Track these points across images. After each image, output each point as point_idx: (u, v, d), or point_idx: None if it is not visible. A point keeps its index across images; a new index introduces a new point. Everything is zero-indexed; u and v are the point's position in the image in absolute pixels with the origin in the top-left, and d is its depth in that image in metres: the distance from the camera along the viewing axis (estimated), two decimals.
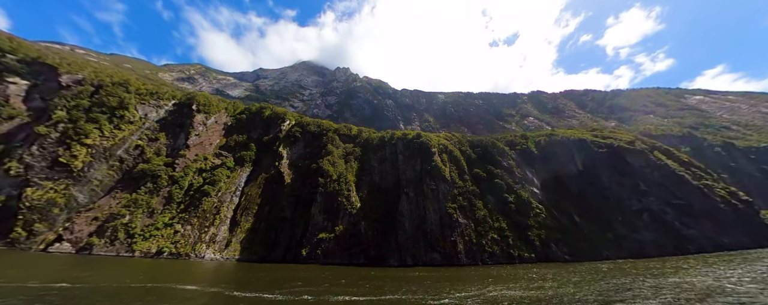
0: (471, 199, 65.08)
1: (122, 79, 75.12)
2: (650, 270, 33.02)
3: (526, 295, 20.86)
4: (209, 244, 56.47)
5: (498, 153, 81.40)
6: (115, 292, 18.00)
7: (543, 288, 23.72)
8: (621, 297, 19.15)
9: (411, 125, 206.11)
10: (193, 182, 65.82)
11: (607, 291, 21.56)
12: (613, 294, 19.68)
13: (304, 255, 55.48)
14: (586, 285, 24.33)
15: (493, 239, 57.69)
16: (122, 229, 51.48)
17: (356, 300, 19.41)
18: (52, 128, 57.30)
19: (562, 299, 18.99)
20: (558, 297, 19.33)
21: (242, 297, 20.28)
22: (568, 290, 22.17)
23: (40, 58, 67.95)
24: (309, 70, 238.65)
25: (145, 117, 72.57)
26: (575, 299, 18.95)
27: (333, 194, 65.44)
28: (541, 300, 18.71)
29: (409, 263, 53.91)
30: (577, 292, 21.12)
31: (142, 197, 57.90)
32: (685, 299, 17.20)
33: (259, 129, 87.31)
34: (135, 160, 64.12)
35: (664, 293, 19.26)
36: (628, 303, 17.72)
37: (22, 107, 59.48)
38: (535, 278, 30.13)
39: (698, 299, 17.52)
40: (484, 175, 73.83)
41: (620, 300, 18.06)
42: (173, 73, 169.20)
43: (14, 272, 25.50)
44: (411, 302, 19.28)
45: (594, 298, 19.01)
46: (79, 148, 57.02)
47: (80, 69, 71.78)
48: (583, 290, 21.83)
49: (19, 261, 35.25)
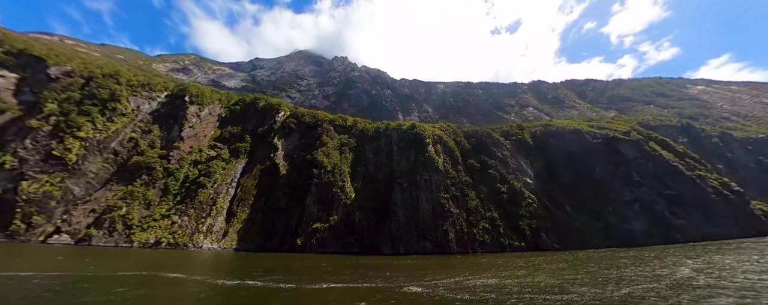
0: (464, 189, 65.80)
1: (112, 70, 74.01)
2: (629, 259, 33.93)
3: (497, 283, 21.52)
4: (206, 234, 57.76)
5: (493, 144, 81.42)
6: (96, 280, 18.70)
7: (517, 276, 24.48)
8: (579, 284, 19.85)
9: (409, 115, 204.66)
10: (188, 174, 66.37)
11: (572, 279, 22.25)
12: (573, 284, 20.31)
13: (299, 245, 56.91)
14: (561, 273, 25.09)
15: (485, 228, 58.73)
16: (120, 220, 52.54)
17: (332, 287, 20.14)
18: (44, 122, 57.20)
19: (526, 287, 19.69)
20: (524, 286, 20.00)
21: (221, 284, 21.04)
22: (540, 278, 22.86)
23: (26, 49, 66.67)
24: (306, 60, 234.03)
25: (138, 109, 72.13)
26: (539, 287, 19.66)
27: (327, 185, 66.12)
28: (503, 288, 19.38)
29: (402, 251, 55.42)
30: (544, 280, 21.85)
31: (138, 190, 58.64)
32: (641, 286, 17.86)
33: (253, 120, 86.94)
34: (129, 152, 64.37)
35: (625, 281, 19.95)
36: (582, 288, 18.40)
37: (12, 101, 59.05)
38: (515, 266, 31.05)
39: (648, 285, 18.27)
40: (478, 165, 74.27)
41: (579, 285, 18.73)
42: (167, 63, 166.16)
43: (4, 261, 26.39)
44: (381, 289, 19.98)
45: (556, 284, 19.74)
46: (72, 141, 57.14)
47: (69, 60, 70.60)
48: (554, 278, 22.56)
49: (18, 251, 36.27)
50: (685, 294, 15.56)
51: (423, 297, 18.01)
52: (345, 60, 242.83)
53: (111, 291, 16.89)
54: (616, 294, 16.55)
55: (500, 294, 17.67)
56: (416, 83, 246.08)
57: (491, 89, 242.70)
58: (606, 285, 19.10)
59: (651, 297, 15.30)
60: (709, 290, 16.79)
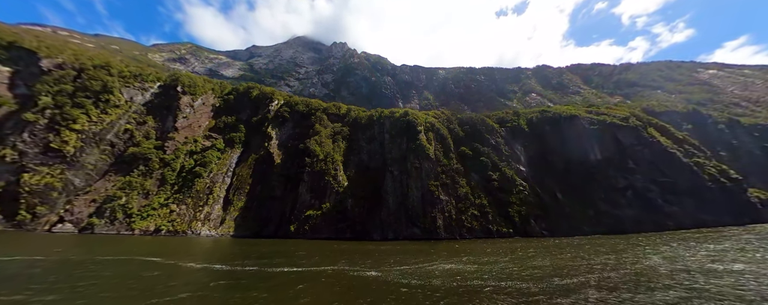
0: (454, 177, 66.28)
1: (103, 61, 73.76)
2: (608, 246, 34.32)
3: (456, 268, 22.16)
4: (204, 222, 59.99)
5: (487, 131, 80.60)
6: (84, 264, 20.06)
7: (482, 261, 25.09)
8: (536, 271, 20.41)
9: (410, 102, 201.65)
10: (184, 164, 67.85)
11: (533, 266, 22.79)
12: (531, 270, 20.79)
13: (292, 231, 58.92)
14: (528, 260, 25.68)
15: (473, 215, 59.79)
16: (120, 210, 54.76)
17: (293, 271, 21.15)
18: (40, 115, 58.23)
19: (483, 272, 20.29)
20: (481, 272, 20.58)
21: (200, 267, 22.28)
22: (503, 264, 23.45)
23: (16, 41, 66.51)
24: (304, 47, 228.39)
25: (131, 100, 72.58)
26: (493, 273, 20.25)
27: (320, 173, 67.08)
28: (458, 273, 20.02)
29: (391, 237, 57.31)
30: (506, 267, 22.42)
31: (135, 180, 60.46)
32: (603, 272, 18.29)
33: (248, 110, 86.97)
34: (125, 144, 65.68)
35: (596, 267, 20.37)
36: (537, 275, 18.93)
37: (8, 95, 59.88)
38: (489, 252, 31.76)
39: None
40: (470, 153, 74.20)
41: (535, 273, 19.25)
42: (163, 53, 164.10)
43: (6, 248, 28.26)
44: (337, 272, 20.89)
45: (514, 271, 20.32)
46: (69, 133, 58.38)
47: (60, 52, 70.40)
48: (517, 264, 23.18)
49: (22, 240, 38.45)
50: (626, 286, 15.80)
51: (372, 280, 18.78)
52: (344, 46, 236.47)
53: (109, 274, 18.16)
54: (562, 283, 16.92)
55: (448, 279, 18.25)
56: (417, 70, 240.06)
57: (494, 74, 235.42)
58: (562, 273, 19.54)
59: (590, 288, 15.61)
60: (655, 281, 17.05)
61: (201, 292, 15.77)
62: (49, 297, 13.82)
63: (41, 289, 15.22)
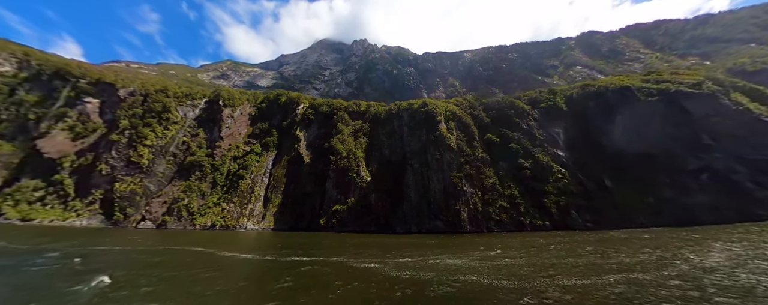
0: (479, 167, 63.26)
1: (162, 86, 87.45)
2: (665, 240, 29.40)
3: (457, 264, 21.34)
4: (249, 217, 68.03)
5: (516, 114, 74.34)
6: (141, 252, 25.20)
7: (489, 257, 23.64)
8: (545, 269, 18.53)
9: (434, 92, 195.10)
10: (230, 168, 77.32)
11: (547, 264, 20.64)
12: (539, 269, 18.84)
13: (322, 224, 63.22)
14: (548, 256, 23.51)
15: (502, 207, 56.48)
16: (184, 209, 65.35)
17: (303, 260, 23.04)
18: (122, 135, 72.17)
19: (483, 269, 19.13)
20: (482, 268, 19.45)
21: (229, 255, 25.85)
22: (513, 260, 21.82)
23: (101, 78, 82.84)
24: (327, 49, 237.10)
25: (185, 117, 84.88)
26: (494, 270, 18.76)
27: (344, 170, 70.18)
28: (457, 269, 19.22)
29: (414, 230, 57.40)
30: (516, 263, 20.76)
31: (194, 184, 71.19)
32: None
33: (278, 115, 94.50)
34: (184, 154, 77.44)
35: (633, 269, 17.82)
36: (541, 275, 17.21)
37: (99, 121, 75.42)
38: (509, 246, 29.89)
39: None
40: (498, 140, 69.66)
41: (543, 271, 17.60)
42: (209, 72, 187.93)
43: (102, 239, 36.72)
44: (339, 263, 22.01)
45: (519, 266, 18.86)
46: (142, 148, 71.27)
47: (131, 82, 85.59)
48: (531, 259, 21.45)
49: (117, 234, 48.83)
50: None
51: (365, 271, 19.53)
52: (364, 43, 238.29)
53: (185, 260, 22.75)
54: (569, 283, 15.21)
55: (442, 274, 17.91)
56: (440, 56, 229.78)
57: (528, 50, 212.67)
58: (574, 274, 17.59)
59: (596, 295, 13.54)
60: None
61: (213, 273, 18.68)
62: (118, 273, 17.94)
63: (107, 267, 19.70)
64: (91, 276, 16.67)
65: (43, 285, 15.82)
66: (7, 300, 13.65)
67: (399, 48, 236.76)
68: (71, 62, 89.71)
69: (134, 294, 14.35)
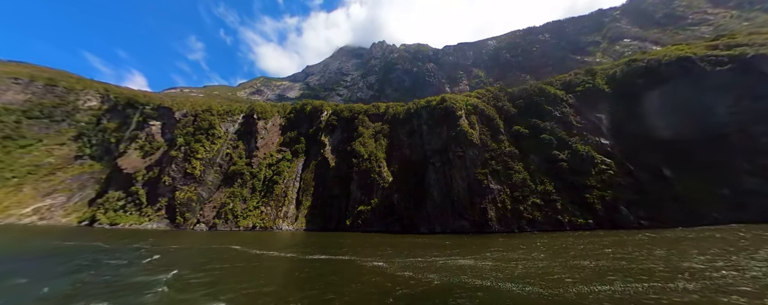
0: (507, 162, 60.16)
1: (207, 106, 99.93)
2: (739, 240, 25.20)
3: (469, 264, 20.94)
4: (284, 219, 74.13)
5: (547, 102, 69.19)
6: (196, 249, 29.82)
7: (515, 259, 22.63)
8: (563, 276, 17.33)
9: (457, 86, 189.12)
10: (266, 175, 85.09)
11: (573, 267, 19.17)
12: (560, 275, 17.17)
13: (348, 225, 66.01)
14: (578, 260, 21.78)
15: (535, 204, 52.95)
16: (229, 213, 73.84)
17: (316, 258, 24.95)
18: (179, 151, 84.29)
19: (494, 271, 18.52)
20: (495, 270, 18.77)
21: (259, 253, 29.11)
22: (534, 263, 20.53)
23: (161, 104, 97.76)
24: (348, 55, 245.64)
25: (227, 131, 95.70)
26: (504, 272, 17.70)
27: (366, 171, 72.47)
28: (465, 270, 18.80)
29: (438, 230, 56.58)
30: (534, 265, 19.32)
31: (237, 190, 79.96)
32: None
33: (305, 124, 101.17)
34: (227, 164, 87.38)
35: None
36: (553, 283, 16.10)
37: (161, 140, 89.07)
38: (541, 246, 28.24)
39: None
40: (527, 131, 65.50)
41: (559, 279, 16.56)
42: (246, 89, 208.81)
43: (168, 239, 43.85)
44: (348, 261, 23.28)
45: (539, 272, 17.90)
46: (195, 161, 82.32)
47: (183, 105, 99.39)
48: (552, 261, 20.19)
49: (178, 235, 57.39)
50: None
51: (368, 269, 20.40)
52: (383, 44, 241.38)
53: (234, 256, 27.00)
54: (582, 290, 14.14)
55: (444, 274, 17.86)
56: (462, 47, 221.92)
57: (563, 28, 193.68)
58: (590, 277, 16.33)
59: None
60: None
61: (242, 266, 21.58)
62: (184, 267, 21.92)
63: (176, 262, 23.95)
64: (166, 268, 20.82)
65: (132, 274, 20.21)
66: (109, 284, 17.81)
67: (418, 45, 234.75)
68: (138, 93, 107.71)
69: (197, 283, 17.76)
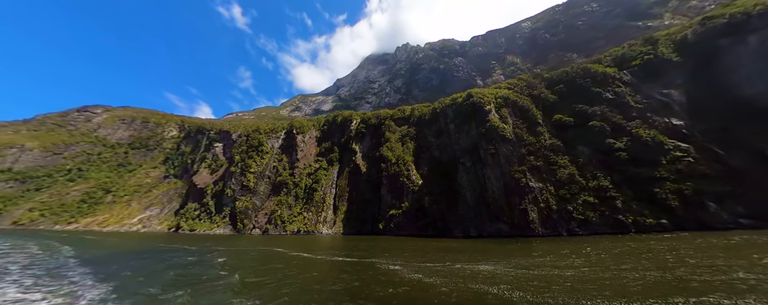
0: (548, 156, 55.41)
1: (256, 126, 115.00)
2: None
3: (498, 272, 19.62)
4: (323, 223, 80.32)
5: (595, 83, 62.04)
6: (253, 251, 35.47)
7: (561, 265, 20.41)
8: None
9: (490, 77, 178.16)
10: (306, 183, 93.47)
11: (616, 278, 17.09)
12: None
13: (381, 229, 68.22)
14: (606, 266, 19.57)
15: (587, 202, 47.28)
16: (278, 218, 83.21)
17: (339, 260, 27.17)
18: (237, 167, 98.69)
19: (515, 279, 17.71)
20: (512, 279, 17.54)
21: (294, 254, 33.02)
22: (563, 271, 18.91)
23: (221, 128, 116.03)
24: (374, 63, 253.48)
25: (273, 147, 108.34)
26: (520, 281, 16.51)
27: (395, 175, 74.15)
28: (477, 275, 18.55)
29: (473, 234, 54.35)
30: (562, 274, 17.87)
31: (283, 198, 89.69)
32: None
33: (337, 134, 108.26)
34: (274, 175, 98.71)
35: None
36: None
37: (223, 159, 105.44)
38: (590, 252, 25.62)
39: None
40: (571, 120, 59.50)
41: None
42: (287, 108, 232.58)
43: (231, 242, 52.60)
44: (366, 264, 24.63)
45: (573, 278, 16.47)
46: (249, 175, 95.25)
47: (238, 128, 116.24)
48: (589, 268, 18.36)
49: (240, 239, 67.29)
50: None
51: (383, 272, 21.42)
52: (407, 46, 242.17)
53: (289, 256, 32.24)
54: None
55: (454, 280, 17.81)
56: (492, 35, 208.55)
57: None
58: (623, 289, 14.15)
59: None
60: None
61: (279, 265, 25.18)
62: (248, 265, 27.05)
63: (241, 262, 29.35)
64: (234, 265, 26.10)
65: (211, 269, 25.71)
66: (197, 277, 23.12)
67: (443, 41, 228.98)
68: (205, 121, 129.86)
69: (256, 277, 22.10)
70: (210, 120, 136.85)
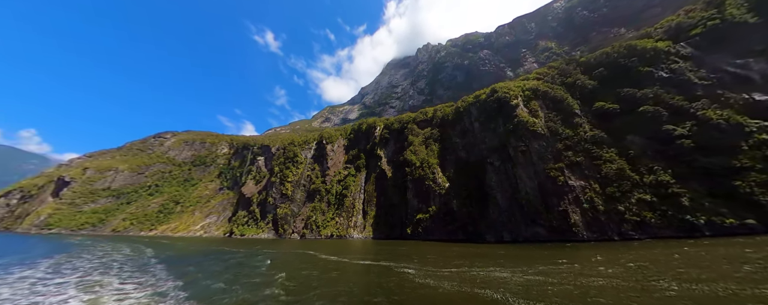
0: (590, 150, 50.42)
1: (291, 140, 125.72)
2: None
3: (510, 280, 18.76)
4: (354, 228, 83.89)
5: (643, 61, 55.62)
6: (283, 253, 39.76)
7: (587, 273, 19.38)
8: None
9: (522, 66, 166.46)
10: (337, 190, 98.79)
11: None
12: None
13: (409, 233, 68.66)
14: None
15: (643, 201, 41.74)
16: (313, 224, 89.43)
17: (368, 264, 28.76)
18: (276, 177, 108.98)
19: (527, 286, 16.91)
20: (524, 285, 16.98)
21: (323, 257, 35.88)
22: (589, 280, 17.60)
23: (263, 143, 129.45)
24: (395, 68, 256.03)
25: (306, 157, 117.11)
26: (542, 288, 15.84)
27: (420, 179, 74.22)
28: (492, 282, 17.89)
29: (507, 239, 51.36)
30: (593, 283, 16.51)
31: (317, 205, 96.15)
32: None
33: (363, 141, 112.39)
34: (309, 184, 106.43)
35: None
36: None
37: (265, 170, 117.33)
38: (641, 260, 23.39)
39: None
40: (616, 107, 53.61)
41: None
42: (318, 120, 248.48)
43: (269, 244, 58.81)
44: (383, 268, 25.62)
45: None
46: (287, 184, 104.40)
47: (275, 142, 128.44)
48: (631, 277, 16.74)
49: (282, 243, 74.33)
50: None
51: (394, 274, 22.20)
52: (428, 47, 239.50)
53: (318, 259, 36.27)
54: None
55: (458, 284, 17.74)
56: (519, 22, 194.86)
57: None
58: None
59: None
60: None
61: (307, 265, 28.05)
62: (267, 262, 31.11)
63: (286, 263, 33.60)
64: (280, 265, 30.13)
65: (260, 268, 29.94)
66: (249, 276, 27.46)
67: (465, 36, 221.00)
68: (249, 138, 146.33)
69: (299, 275, 25.51)
70: (253, 137, 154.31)
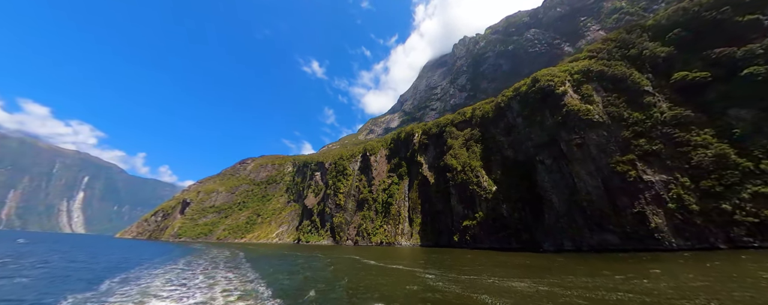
0: (671, 135, 41.86)
1: (340, 154, 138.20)
2: None
3: (527, 290, 17.05)
4: (401, 235, 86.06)
5: (742, 7, 45.79)
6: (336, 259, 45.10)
7: (633, 289, 16.72)
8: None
9: (584, 38, 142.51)
10: (382, 199, 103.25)
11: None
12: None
13: (456, 241, 66.53)
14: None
15: (760, 195, 32.95)
16: (364, 231, 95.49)
17: (392, 267, 30.60)
18: (331, 189, 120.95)
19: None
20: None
21: (367, 262, 39.22)
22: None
23: (318, 160, 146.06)
24: (432, 69, 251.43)
25: (354, 169, 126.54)
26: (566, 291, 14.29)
27: (463, 184, 71.69)
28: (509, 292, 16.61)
29: (568, 247, 45.31)
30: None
31: (366, 213, 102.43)
32: None
33: (403, 149, 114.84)
34: (357, 194, 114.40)
35: None
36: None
37: (322, 184, 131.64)
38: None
39: None
40: (706, 75, 44.12)
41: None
42: (363, 133, 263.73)
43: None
44: (408, 272, 26.46)
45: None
46: (340, 195, 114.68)
47: (328, 158, 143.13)
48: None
49: (339, 249, 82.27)
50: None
51: (414, 277, 22.96)
52: (464, 40, 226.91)
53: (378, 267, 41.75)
54: None
55: (471, 291, 17.76)
56: None
57: None
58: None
59: None
60: None
61: (362, 272, 31.95)
62: (336, 266, 36.82)
63: (343, 268, 39.54)
64: (338, 269, 35.80)
65: (325, 271, 35.97)
66: (313, 277, 33.93)
67: (506, 19, 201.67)
68: (307, 156, 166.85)
69: (358, 277, 30.55)
70: (310, 155, 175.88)
